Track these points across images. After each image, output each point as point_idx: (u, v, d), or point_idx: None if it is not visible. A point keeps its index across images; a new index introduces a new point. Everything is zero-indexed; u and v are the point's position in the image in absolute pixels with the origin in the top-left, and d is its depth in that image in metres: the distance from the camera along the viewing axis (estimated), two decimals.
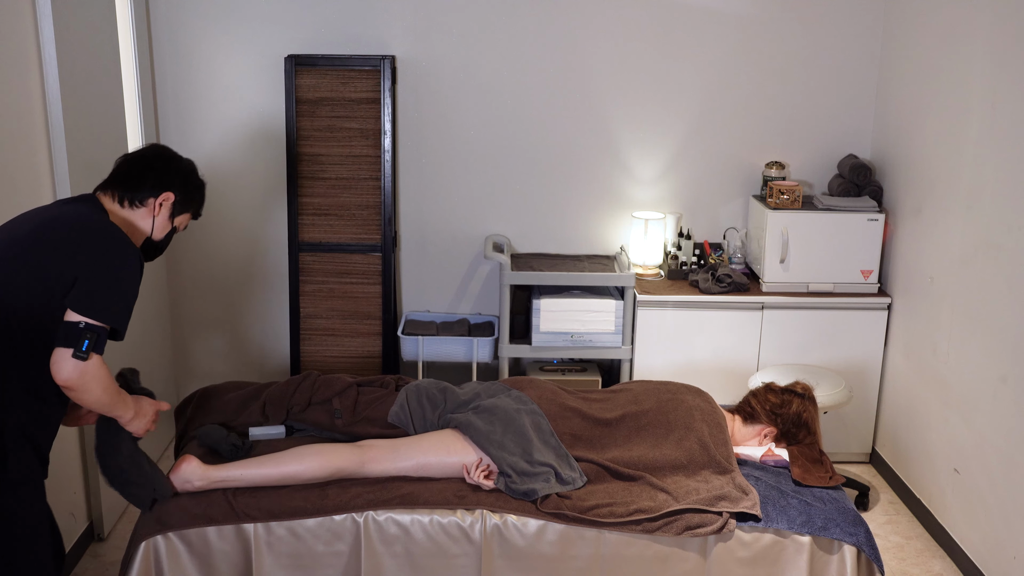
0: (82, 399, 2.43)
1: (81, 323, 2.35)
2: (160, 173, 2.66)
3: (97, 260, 2.41)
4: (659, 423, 3.19)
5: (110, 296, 2.41)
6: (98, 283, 2.40)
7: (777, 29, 4.44)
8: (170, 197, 2.66)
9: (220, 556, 2.84)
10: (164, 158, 2.71)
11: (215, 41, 4.38)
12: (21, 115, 3.19)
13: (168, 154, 2.73)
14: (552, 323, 4.29)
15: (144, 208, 2.64)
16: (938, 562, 3.75)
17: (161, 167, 2.67)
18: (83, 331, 2.35)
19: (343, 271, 4.46)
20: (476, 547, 2.87)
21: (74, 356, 2.34)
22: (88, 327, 2.35)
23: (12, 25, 3.13)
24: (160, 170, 2.66)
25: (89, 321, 2.36)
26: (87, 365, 2.36)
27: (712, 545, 2.91)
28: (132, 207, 2.63)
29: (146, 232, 2.66)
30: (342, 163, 4.38)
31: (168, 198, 2.66)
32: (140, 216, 2.64)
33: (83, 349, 2.34)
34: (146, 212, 2.64)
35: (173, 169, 2.70)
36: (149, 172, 2.65)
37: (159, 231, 2.70)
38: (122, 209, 2.62)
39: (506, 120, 4.51)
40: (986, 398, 3.53)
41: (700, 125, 4.54)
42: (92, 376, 2.39)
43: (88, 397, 2.42)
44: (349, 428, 3.16)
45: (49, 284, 2.37)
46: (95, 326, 2.36)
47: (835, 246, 4.27)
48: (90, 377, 2.38)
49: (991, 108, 3.51)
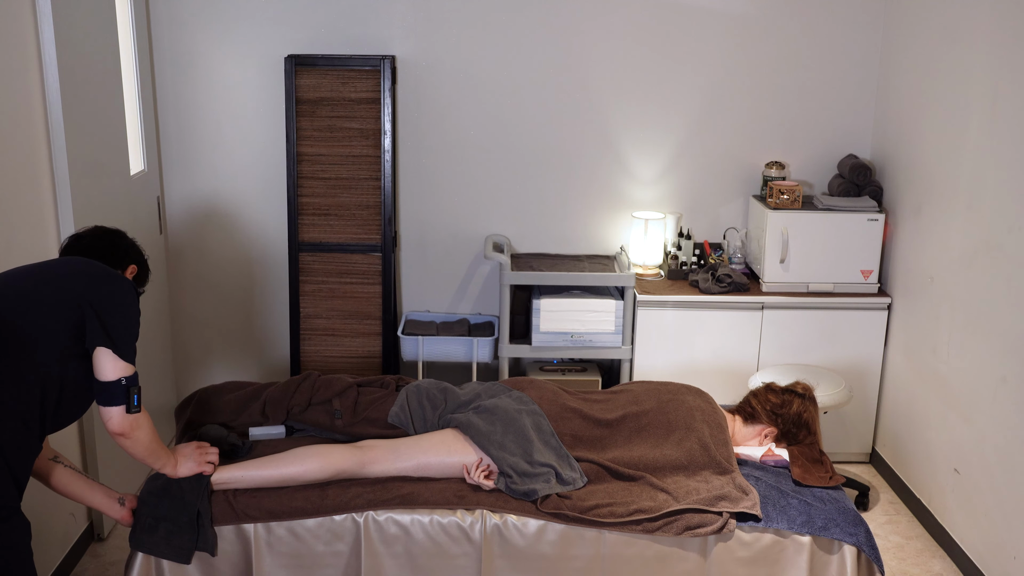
0: (132, 449, 2.59)
1: (121, 380, 2.47)
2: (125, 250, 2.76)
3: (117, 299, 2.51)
4: (660, 423, 3.19)
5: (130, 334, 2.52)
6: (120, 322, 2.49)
7: (777, 29, 4.44)
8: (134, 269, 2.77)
9: (220, 556, 2.84)
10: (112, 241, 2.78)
11: (215, 41, 4.38)
12: (21, 115, 3.19)
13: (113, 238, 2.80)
14: (552, 323, 4.29)
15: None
16: (938, 562, 3.75)
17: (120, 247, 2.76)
18: (127, 387, 2.48)
19: (343, 271, 4.46)
20: (476, 547, 2.87)
21: (128, 412, 2.50)
22: (128, 381, 2.48)
23: (12, 25, 3.13)
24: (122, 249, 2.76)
25: (125, 375, 2.48)
26: (139, 417, 2.54)
27: (712, 545, 2.91)
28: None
29: None
30: (342, 163, 4.38)
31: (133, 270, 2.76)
32: None
33: (136, 404, 2.51)
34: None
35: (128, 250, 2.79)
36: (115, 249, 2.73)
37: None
38: None
39: (506, 120, 4.51)
40: (986, 398, 3.53)
41: (700, 125, 4.54)
42: (141, 428, 2.56)
43: (138, 447, 2.59)
44: (349, 428, 3.15)
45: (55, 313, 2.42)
46: (132, 376, 2.49)
47: (835, 246, 4.27)
48: (140, 430, 2.56)
49: (991, 108, 3.51)
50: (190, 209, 4.54)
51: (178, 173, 4.50)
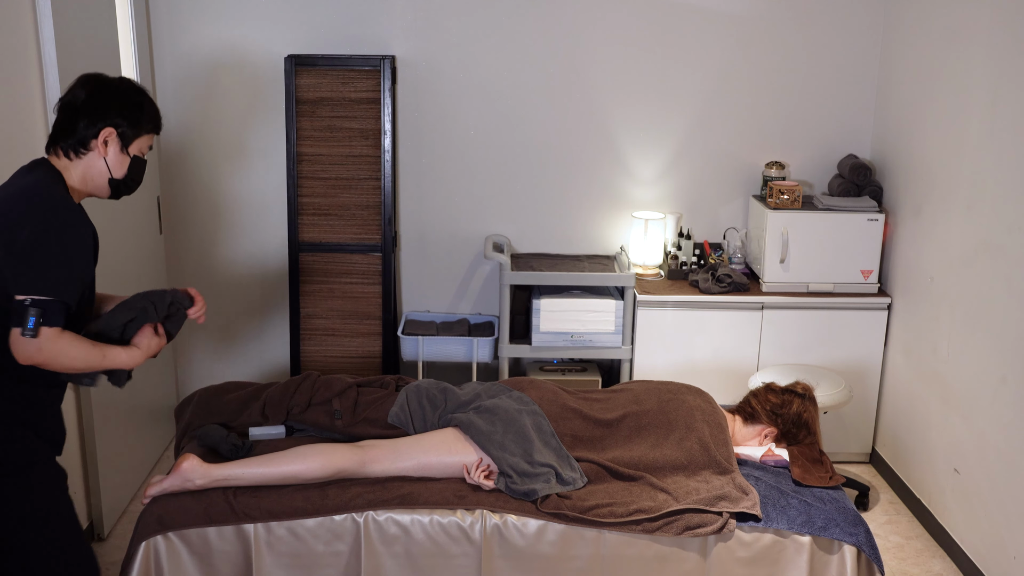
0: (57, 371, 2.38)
1: (26, 300, 2.28)
2: (90, 111, 2.46)
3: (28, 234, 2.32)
4: (660, 423, 3.19)
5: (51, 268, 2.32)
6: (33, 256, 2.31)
7: (777, 29, 4.44)
8: (111, 132, 2.47)
9: (220, 556, 2.84)
10: (89, 92, 2.48)
11: (215, 41, 4.38)
12: (21, 115, 3.19)
13: (93, 86, 2.50)
14: (552, 323, 4.29)
15: (91, 152, 2.48)
16: (938, 562, 3.75)
17: (89, 104, 2.46)
18: (27, 308, 2.28)
19: (343, 271, 4.46)
20: (476, 547, 2.87)
21: (23, 335, 2.29)
22: (34, 303, 2.28)
23: (12, 25, 3.13)
24: (89, 108, 2.46)
25: (35, 297, 2.29)
26: (40, 341, 2.29)
27: (712, 545, 2.91)
28: (79, 155, 2.48)
29: (105, 174, 2.52)
30: (342, 163, 4.38)
31: (109, 133, 2.47)
32: (91, 161, 2.49)
33: (30, 326, 2.28)
34: (95, 155, 2.49)
35: (103, 102, 2.47)
36: (79, 114, 2.45)
37: (116, 169, 2.52)
38: (71, 161, 2.48)
39: (506, 120, 4.51)
40: (986, 398, 3.53)
41: (700, 125, 4.54)
42: (52, 350, 2.32)
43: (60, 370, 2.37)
44: (349, 429, 3.15)
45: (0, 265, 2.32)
46: (41, 300, 2.29)
47: (835, 246, 4.27)
48: (50, 352, 2.31)
49: (991, 108, 3.51)
50: (190, 209, 4.54)
51: (178, 173, 4.50)
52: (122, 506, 3.88)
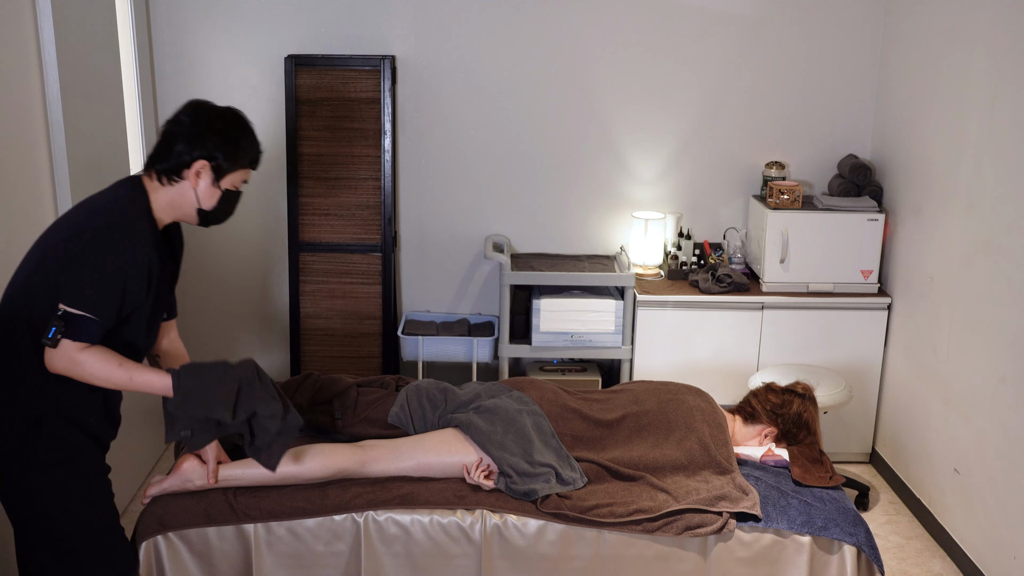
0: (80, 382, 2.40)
1: (60, 311, 2.31)
2: (188, 139, 2.44)
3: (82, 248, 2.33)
4: (660, 423, 3.19)
5: (88, 283, 2.32)
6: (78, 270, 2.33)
7: (777, 29, 4.44)
8: (205, 164, 2.45)
9: (220, 556, 2.84)
10: (195, 119, 2.47)
11: (215, 41, 4.38)
12: (21, 115, 3.19)
13: (199, 113, 2.49)
14: (552, 323, 4.29)
15: (183, 181, 2.46)
16: (938, 562, 3.75)
17: (190, 133, 2.44)
18: (55, 318, 2.30)
19: (343, 271, 4.46)
20: (476, 547, 2.87)
21: (42, 342, 2.32)
22: (63, 314, 2.30)
23: (12, 25, 3.13)
24: (188, 136, 2.44)
25: (67, 309, 2.30)
26: (59, 352, 2.32)
27: (712, 545, 2.91)
28: (171, 182, 2.46)
29: (194, 204, 2.49)
30: (342, 163, 4.38)
31: (203, 165, 2.45)
32: (182, 190, 2.47)
33: (48, 336, 2.30)
34: (186, 184, 2.46)
35: (204, 131, 2.45)
36: (177, 141, 2.44)
37: (206, 200, 2.49)
38: (162, 186, 2.47)
39: (506, 120, 4.51)
40: (986, 398, 3.53)
41: (700, 125, 4.54)
42: (70, 363, 2.33)
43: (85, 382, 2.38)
44: (349, 429, 3.15)
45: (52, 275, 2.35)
46: (70, 313, 2.30)
47: (835, 246, 4.27)
48: (67, 364, 2.33)
49: (991, 108, 3.51)
50: None
51: None
52: (122, 506, 3.88)
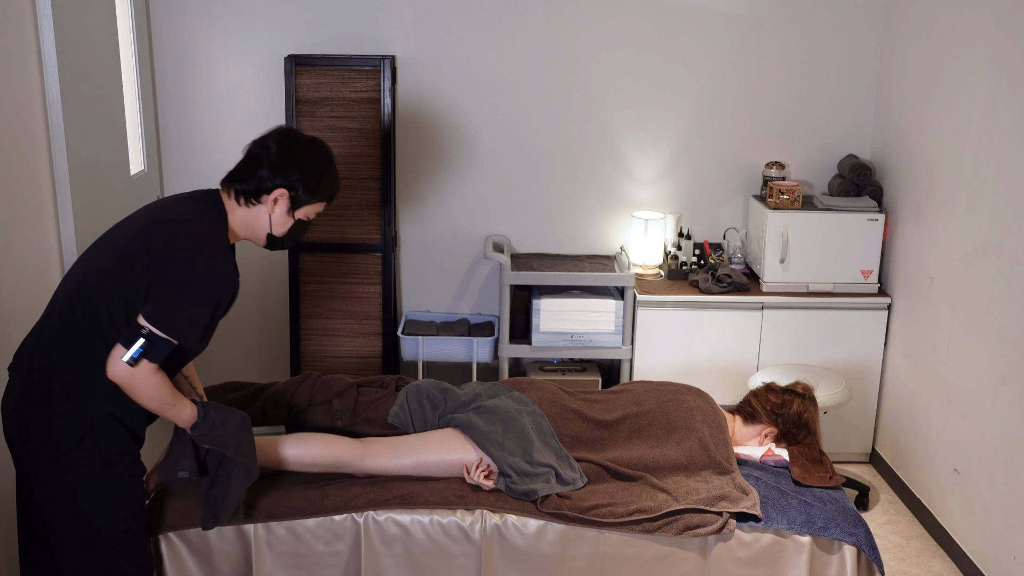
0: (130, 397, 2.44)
1: (145, 329, 2.33)
2: (274, 167, 2.47)
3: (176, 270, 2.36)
4: (659, 424, 3.19)
5: (180, 310, 2.36)
6: (170, 295, 2.35)
7: (777, 29, 4.44)
8: (284, 193, 2.48)
9: (220, 556, 2.84)
10: (282, 147, 2.49)
11: (215, 41, 4.38)
12: (21, 115, 3.19)
13: (287, 142, 2.51)
14: (552, 323, 4.29)
15: (261, 205, 2.49)
16: (938, 562, 3.76)
17: (276, 160, 2.47)
18: (140, 336, 2.33)
19: (343, 271, 4.46)
20: (476, 547, 2.87)
21: (122, 358, 2.34)
22: (150, 335, 2.33)
23: (12, 25, 3.13)
24: (274, 163, 2.47)
25: (154, 330, 2.33)
26: (135, 370, 2.35)
27: (712, 545, 2.91)
28: (248, 204, 2.49)
29: (266, 229, 2.53)
30: (342, 163, 4.35)
31: (282, 194, 2.48)
32: (257, 213, 2.50)
33: (135, 355, 2.33)
34: (263, 209, 2.49)
35: (289, 161, 2.48)
36: (262, 166, 2.47)
37: (278, 227, 2.54)
38: (239, 206, 2.49)
39: (506, 120, 4.51)
40: (986, 398, 3.53)
41: (700, 125, 4.54)
42: (139, 382, 2.38)
43: (134, 399, 2.43)
44: (349, 429, 3.15)
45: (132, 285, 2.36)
46: (157, 336, 2.33)
47: (835, 246, 4.27)
48: (137, 382, 2.37)
49: (991, 108, 3.51)
50: None
51: (178, 173, 4.50)
52: None
